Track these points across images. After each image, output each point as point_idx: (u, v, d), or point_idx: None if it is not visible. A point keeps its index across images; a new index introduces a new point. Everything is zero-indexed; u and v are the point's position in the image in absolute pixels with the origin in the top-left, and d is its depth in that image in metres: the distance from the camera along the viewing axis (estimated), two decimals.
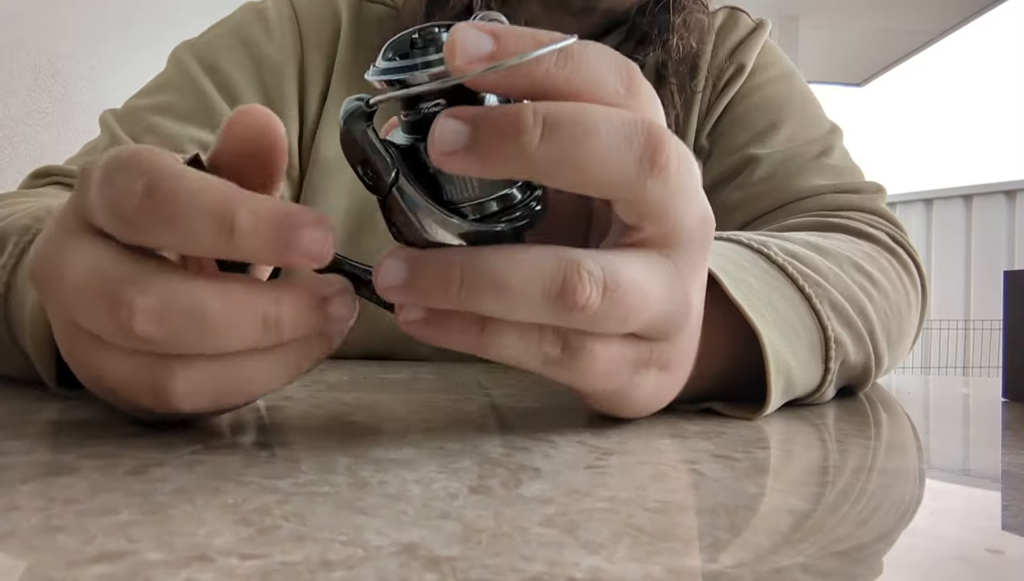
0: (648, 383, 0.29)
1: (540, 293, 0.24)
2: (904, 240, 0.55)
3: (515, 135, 0.22)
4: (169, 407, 0.24)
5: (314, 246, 0.22)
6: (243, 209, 0.22)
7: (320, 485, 0.21)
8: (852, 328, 0.40)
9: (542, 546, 0.17)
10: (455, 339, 0.25)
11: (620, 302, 0.24)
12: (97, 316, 0.23)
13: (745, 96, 0.67)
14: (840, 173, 0.62)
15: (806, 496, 0.23)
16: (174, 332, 0.23)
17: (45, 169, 0.57)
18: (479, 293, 0.23)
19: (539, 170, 0.23)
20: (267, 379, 0.25)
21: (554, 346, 0.25)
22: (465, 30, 0.22)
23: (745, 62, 0.67)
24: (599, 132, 0.23)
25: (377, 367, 0.54)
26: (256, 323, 0.24)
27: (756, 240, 0.40)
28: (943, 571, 0.17)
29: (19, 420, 0.30)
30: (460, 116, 0.22)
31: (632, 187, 0.24)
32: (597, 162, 0.23)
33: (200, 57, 0.62)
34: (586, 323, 0.25)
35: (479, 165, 0.23)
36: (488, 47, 0.22)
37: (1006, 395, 0.49)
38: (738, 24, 0.70)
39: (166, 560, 0.15)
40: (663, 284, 0.26)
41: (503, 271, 0.23)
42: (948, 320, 3.61)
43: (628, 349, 0.27)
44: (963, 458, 0.31)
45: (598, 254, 0.25)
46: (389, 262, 0.24)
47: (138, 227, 0.23)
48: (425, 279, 0.24)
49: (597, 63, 0.24)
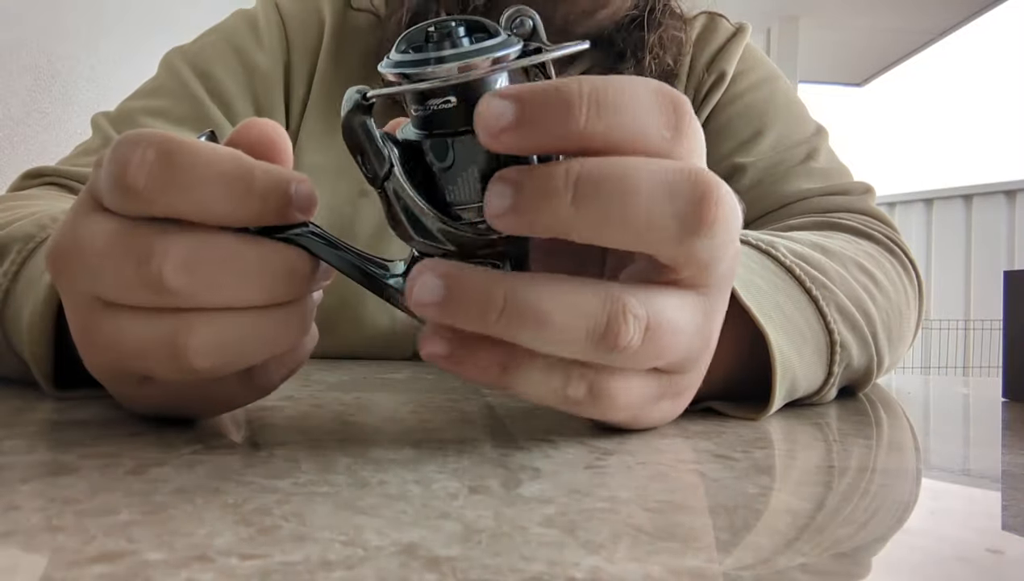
0: (659, 411, 0.29)
1: (584, 332, 0.23)
2: (899, 240, 0.55)
3: (549, 199, 0.21)
4: (185, 366, 0.24)
5: (311, 200, 0.25)
6: (259, 172, 0.24)
7: (320, 485, 0.21)
8: (857, 331, 0.40)
9: (542, 546, 0.17)
10: (477, 374, 0.24)
11: (658, 343, 0.24)
12: (123, 275, 0.23)
13: (727, 104, 0.66)
14: (827, 175, 0.62)
15: (806, 496, 0.23)
16: (207, 282, 0.23)
17: (37, 170, 0.57)
18: (519, 324, 0.22)
19: (578, 232, 0.22)
20: (282, 334, 0.26)
21: (578, 389, 0.25)
22: (488, 100, 0.21)
23: (726, 69, 0.66)
24: (639, 191, 0.22)
25: (377, 367, 0.54)
26: (285, 276, 0.25)
27: (764, 240, 0.40)
28: (943, 571, 0.17)
29: (19, 420, 0.30)
30: (506, 178, 0.22)
31: (677, 244, 0.23)
32: (639, 222, 0.22)
33: (192, 63, 0.62)
34: (622, 362, 0.24)
35: (522, 225, 0.22)
36: (511, 114, 0.21)
37: (1006, 395, 0.49)
38: (717, 30, 0.69)
39: (166, 560, 0.15)
40: (696, 323, 0.26)
41: (547, 303, 0.22)
42: (948, 320, 3.61)
43: (648, 384, 0.27)
44: (963, 458, 0.31)
45: (642, 293, 0.24)
46: (426, 277, 0.23)
47: (150, 198, 0.23)
48: (463, 300, 0.22)
49: (636, 107, 0.22)
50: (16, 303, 0.35)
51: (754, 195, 0.62)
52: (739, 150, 0.64)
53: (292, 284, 0.25)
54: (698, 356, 0.27)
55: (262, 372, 0.27)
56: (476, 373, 0.24)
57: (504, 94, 0.22)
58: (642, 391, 0.27)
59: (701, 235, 0.23)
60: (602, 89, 0.22)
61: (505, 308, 0.22)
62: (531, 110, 0.21)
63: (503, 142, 0.22)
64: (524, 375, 0.24)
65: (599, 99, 0.22)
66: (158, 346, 0.24)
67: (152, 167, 0.23)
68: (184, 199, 0.23)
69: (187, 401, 0.28)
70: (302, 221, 0.25)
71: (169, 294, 0.23)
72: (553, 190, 0.22)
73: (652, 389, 0.27)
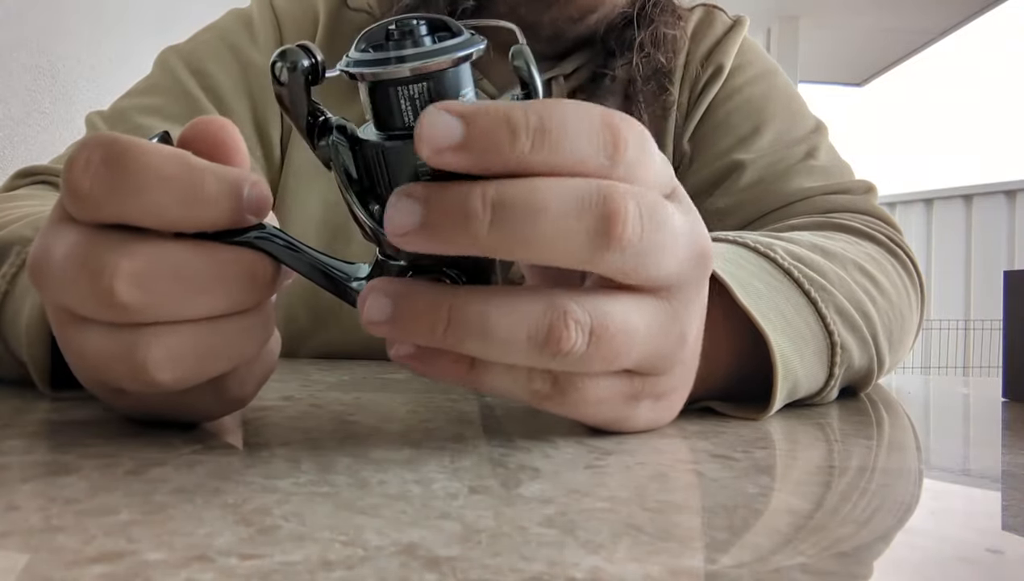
0: (643, 413, 0.29)
1: (525, 339, 0.23)
2: (901, 241, 0.55)
3: (464, 219, 0.22)
4: (147, 381, 0.24)
5: (263, 203, 0.24)
6: (209, 176, 0.23)
7: (320, 485, 0.21)
8: (857, 332, 0.40)
9: (542, 546, 0.17)
10: (445, 375, 0.25)
11: (606, 346, 0.24)
12: (79, 288, 0.23)
13: (725, 99, 0.65)
14: (828, 174, 0.61)
15: (806, 496, 0.23)
16: (160, 296, 0.23)
17: (28, 169, 0.56)
18: (465, 336, 0.23)
19: (490, 250, 0.22)
20: (245, 341, 0.25)
21: (543, 383, 0.25)
22: (432, 116, 0.21)
23: (723, 63, 0.65)
24: (548, 211, 0.22)
25: (377, 367, 0.54)
26: (244, 282, 0.24)
27: (762, 242, 0.40)
28: (943, 571, 0.17)
29: (19, 420, 0.30)
30: (413, 195, 0.22)
31: (588, 261, 0.23)
32: (546, 242, 0.22)
33: (187, 61, 0.62)
34: (572, 366, 0.25)
35: (432, 245, 0.22)
36: (458, 134, 0.21)
37: (1006, 395, 0.49)
38: (714, 23, 0.68)
39: (166, 560, 0.15)
40: (655, 325, 0.26)
41: (489, 316, 0.23)
42: (948, 320, 3.61)
43: (619, 384, 0.27)
44: (963, 458, 0.31)
45: (587, 298, 0.24)
46: (374, 297, 0.24)
47: (96, 202, 0.23)
48: (411, 317, 0.23)
49: (576, 137, 0.23)
50: (14, 305, 0.36)
51: (754, 193, 0.61)
52: (738, 146, 0.63)
53: (253, 290, 0.25)
54: (672, 358, 0.27)
55: (234, 383, 0.27)
56: (443, 374, 0.25)
57: (453, 110, 0.22)
58: (612, 389, 0.27)
59: (612, 250, 0.23)
60: (547, 117, 0.22)
61: (450, 322, 0.23)
62: (477, 132, 0.21)
63: (444, 160, 0.22)
64: (489, 373, 0.25)
65: (544, 127, 0.22)
66: (118, 360, 0.24)
67: (98, 170, 0.23)
68: (132, 204, 0.23)
69: (164, 411, 0.28)
70: (258, 224, 0.25)
71: (123, 309, 0.23)
72: (471, 211, 0.22)
73: (623, 388, 0.27)
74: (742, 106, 0.65)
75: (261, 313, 0.26)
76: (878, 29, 3.76)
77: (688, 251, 0.26)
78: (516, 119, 0.22)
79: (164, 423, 0.29)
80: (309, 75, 0.24)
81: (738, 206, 0.61)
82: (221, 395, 0.27)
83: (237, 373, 0.27)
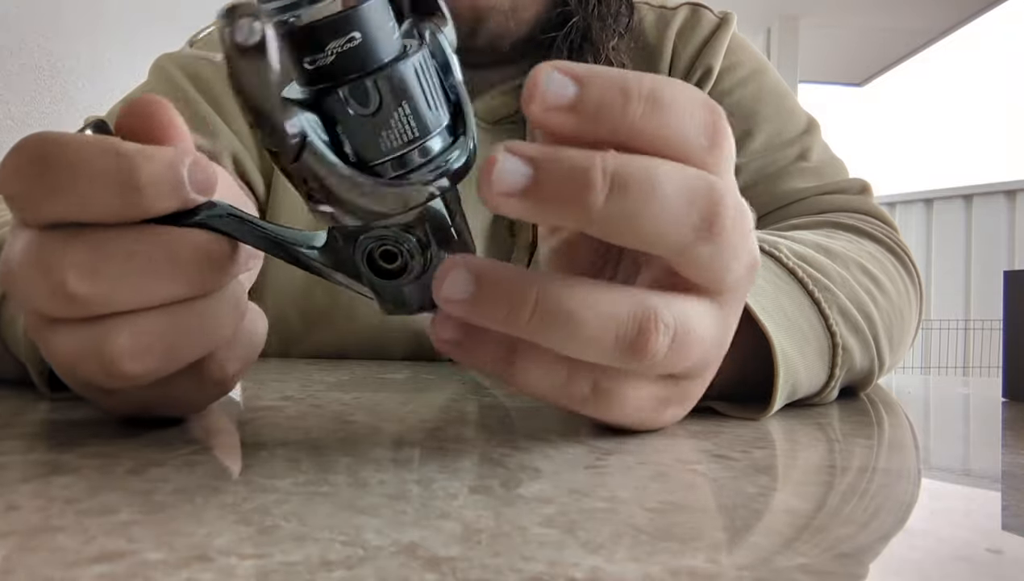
0: (665, 416, 0.29)
1: (614, 338, 0.23)
2: (899, 239, 0.55)
3: (582, 191, 0.21)
4: (119, 374, 0.23)
5: (208, 179, 0.23)
6: (141, 160, 0.22)
7: (320, 485, 0.21)
8: (859, 334, 0.40)
9: (542, 546, 0.17)
10: (482, 363, 0.24)
11: (680, 351, 0.24)
12: (37, 288, 0.23)
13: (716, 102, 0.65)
14: (822, 174, 0.61)
15: (806, 496, 0.23)
16: (111, 283, 0.22)
17: None
18: (551, 326, 0.22)
19: (598, 226, 0.22)
20: (213, 325, 0.25)
21: (584, 387, 0.25)
22: (549, 73, 0.21)
23: (712, 64, 0.64)
24: (665, 195, 0.22)
25: (377, 367, 0.54)
26: (200, 263, 0.24)
27: (767, 241, 0.40)
28: (943, 571, 0.17)
29: (18, 420, 0.30)
30: (523, 154, 0.20)
31: (683, 251, 0.23)
32: (657, 225, 0.22)
33: (183, 66, 0.62)
34: (644, 369, 0.24)
35: (537, 211, 0.21)
36: (571, 94, 0.21)
37: (1006, 395, 0.49)
38: (701, 22, 0.66)
39: (166, 560, 0.15)
40: (715, 331, 0.26)
41: (579, 307, 0.22)
42: (948, 320, 3.61)
43: (657, 390, 0.27)
44: (963, 458, 0.31)
45: (671, 302, 0.24)
46: (457, 273, 0.22)
47: (29, 204, 0.23)
48: (493, 299, 0.22)
49: (684, 113, 0.22)
50: (13, 305, 0.36)
51: (748, 197, 0.60)
52: None
53: (210, 271, 0.24)
54: (713, 363, 0.28)
55: (214, 367, 0.26)
56: (482, 363, 0.24)
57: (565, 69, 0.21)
58: (651, 395, 0.27)
59: (709, 243, 0.23)
60: (659, 88, 0.22)
61: (536, 309, 0.22)
62: (592, 93, 0.21)
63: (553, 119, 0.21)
64: (528, 369, 0.24)
65: (655, 96, 0.22)
66: (88, 357, 0.23)
67: (27, 172, 0.22)
68: (66, 201, 0.22)
69: (150, 405, 0.27)
70: (208, 202, 0.24)
71: (80, 303, 0.22)
72: (590, 181, 0.21)
73: (661, 393, 0.27)
74: (732, 110, 0.63)
75: (227, 294, 0.25)
76: (878, 29, 3.76)
77: (750, 257, 0.26)
78: (631, 84, 0.21)
79: (161, 422, 0.29)
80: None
81: None
82: (203, 381, 0.26)
83: (215, 356, 0.26)
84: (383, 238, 0.25)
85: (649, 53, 0.65)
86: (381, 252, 0.25)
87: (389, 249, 0.25)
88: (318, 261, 0.26)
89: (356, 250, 0.25)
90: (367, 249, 0.25)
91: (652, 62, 0.64)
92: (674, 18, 0.66)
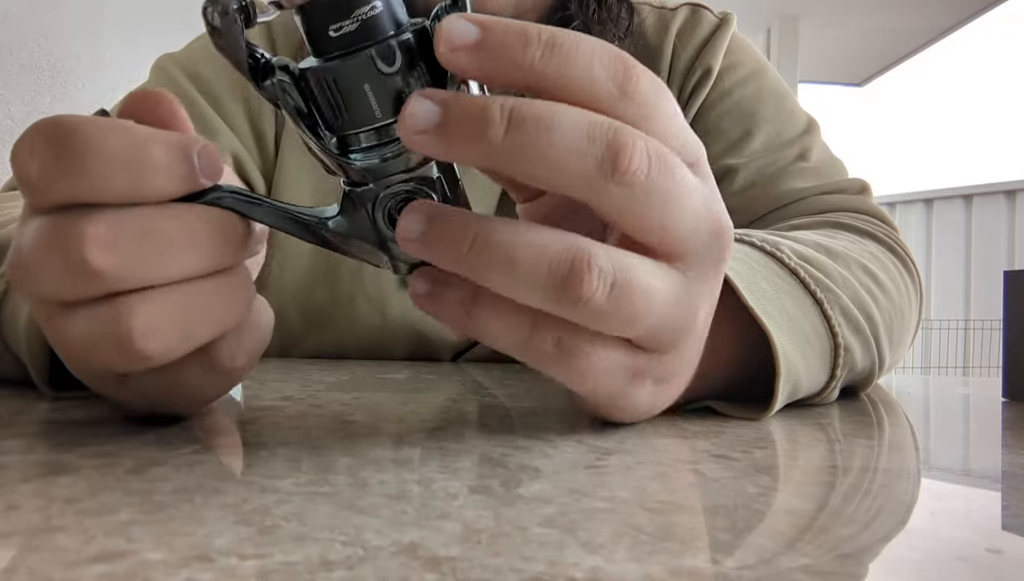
0: (643, 394, 0.29)
1: (545, 274, 0.23)
2: (899, 239, 0.55)
3: (482, 124, 0.22)
4: (134, 353, 0.23)
5: (216, 164, 0.24)
6: (154, 143, 0.23)
7: (320, 485, 0.21)
8: (860, 334, 0.40)
9: (542, 546, 0.17)
10: (447, 312, 0.25)
11: (625, 303, 0.24)
12: (52, 270, 0.23)
13: (716, 102, 0.64)
14: (821, 174, 0.61)
15: (806, 496, 0.23)
16: (132, 257, 0.23)
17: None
18: (486, 262, 0.23)
19: (501, 161, 0.23)
20: (226, 303, 0.25)
21: (545, 340, 0.25)
22: (452, 20, 0.23)
23: (712, 64, 0.64)
24: (561, 128, 0.23)
25: (377, 367, 0.54)
26: (216, 239, 0.24)
27: (769, 241, 0.40)
28: (943, 571, 0.17)
29: (18, 420, 0.30)
30: (433, 97, 0.23)
31: (593, 189, 0.24)
32: (556, 158, 0.23)
33: (183, 66, 0.63)
34: (587, 319, 0.24)
35: (445, 147, 0.23)
36: (474, 36, 0.22)
37: (1006, 395, 0.49)
38: (701, 23, 0.66)
39: (166, 560, 0.15)
40: (671, 294, 0.26)
41: (513, 245, 0.23)
42: (948, 320, 3.61)
43: (624, 357, 0.27)
44: (963, 458, 0.31)
45: (613, 251, 0.24)
46: (411, 215, 0.24)
47: (47, 187, 0.23)
48: (439, 235, 0.24)
49: (588, 58, 0.23)
50: (13, 303, 0.36)
51: (747, 197, 0.61)
52: (729, 152, 0.62)
53: (226, 247, 0.25)
54: (681, 336, 0.27)
55: (223, 354, 0.26)
56: (449, 315, 0.25)
57: (470, 18, 0.23)
58: (617, 361, 0.26)
59: (616, 181, 0.23)
60: (560, 35, 0.23)
61: (474, 245, 0.23)
62: (493, 36, 0.23)
63: (458, 59, 0.23)
64: (490, 319, 0.25)
65: (556, 41, 0.23)
66: (104, 338, 0.23)
67: (43, 154, 0.23)
68: (82, 182, 0.23)
69: (159, 397, 0.27)
70: (214, 185, 0.25)
71: (99, 278, 0.23)
72: (489, 118, 0.22)
73: (627, 362, 0.27)
74: (732, 110, 0.63)
75: (239, 274, 0.26)
76: (878, 29, 3.76)
77: (704, 213, 0.26)
78: (530, 31, 0.23)
79: (164, 422, 0.29)
80: (241, 15, 0.24)
81: (732, 211, 0.60)
82: (212, 368, 0.26)
83: (226, 343, 0.26)
84: (403, 194, 0.26)
85: (650, 54, 0.65)
86: (400, 208, 0.26)
87: (411, 201, 0.25)
88: (331, 232, 0.26)
89: (376, 209, 0.26)
90: (388, 207, 0.26)
91: (652, 62, 0.64)
92: (674, 19, 0.66)
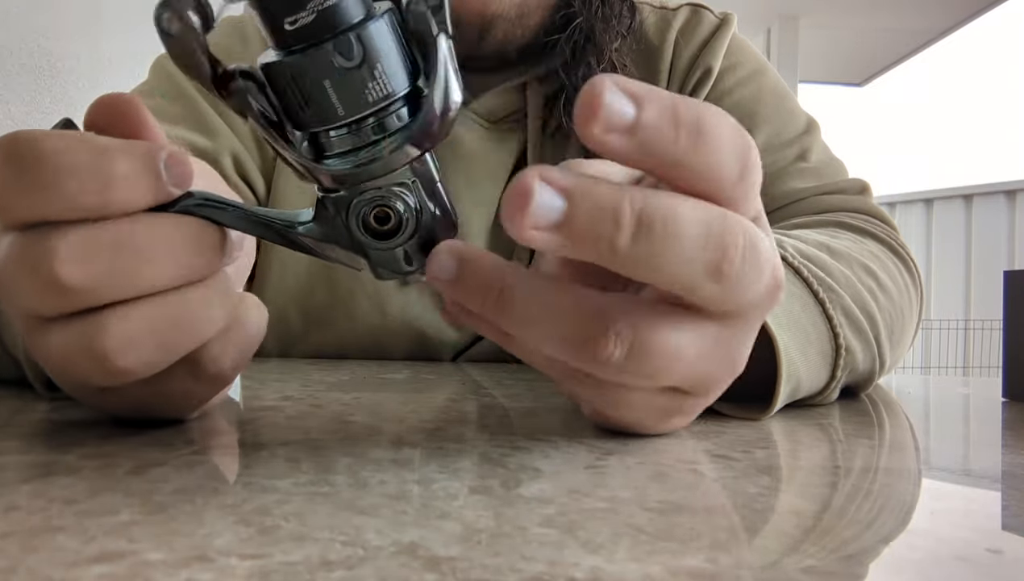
0: (667, 426, 0.29)
1: (564, 336, 0.23)
2: (900, 239, 0.55)
3: (611, 229, 0.21)
4: (112, 370, 0.23)
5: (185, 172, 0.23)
6: (118, 154, 0.22)
7: (320, 485, 0.21)
8: (862, 335, 0.40)
9: (542, 546, 0.17)
10: (485, 333, 0.26)
11: (645, 363, 0.24)
12: (26, 286, 0.23)
13: (716, 102, 0.62)
14: (821, 174, 0.61)
15: (806, 496, 0.23)
16: (104, 270, 0.22)
17: None
18: (509, 315, 0.23)
19: (620, 265, 0.22)
20: (204, 314, 0.24)
21: (578, 373, 0.25)
22: (611, 91, 0.20)
23: (712, 65, 0.63)
24: (682, 238, 0.21)
25: (377, 367, 0.54)
26: (190, 249, 0.23)
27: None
28: (943, 571, 0.17)
29: (18, 421, 0.30)
30: (556, 184, 0.20)
31: (693, 289, 0.23)
32: (673, 268, 0.22)
33: None
34: (609, 375, 0.24)
35: (563, 249, 0.21)
36: (631, 115, 0.20)
37: (1006, 395, 0.49)
38: (701, 23, 0.66)
39: (166, 560, 0.15)
40: (704, 348, 0.25)
41: (536, 303, 0.23)
42: (948, 320, 3.61)
43: (660, 398, 0.27)
44: (963, 458, 0.31)
45: (637, 311, 0.24)
46: (443, 256, 0.24)
47: (11, 203, 0.22)
48: (468, 283, 0.24)
49: (723, 145, 0.22)
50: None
51: None
52: None
53: (201, 257, 0.24)
54: (718, 380, 0.27)
55: (209, 360, 0.26)
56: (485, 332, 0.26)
57: (622, 86, 0.20)
58: (651, 400, 0.27)
59: (717, 283, 0.23)
60: (703, 118, 0.22)
61: (500, 298, 0.23)
62: (647, 116, 0.21)
63: (612, 141, 0.20)
64: (524, 353, 0.26)
65: (700, 128, 0.21)
66: (80, 354, 0.23)
67: (3, 174, 0.22)
68: (45, 199, 0.22)
69: (147, 404, 0.27)
70: (186, 193, 0.24)
71: (72, 293, 0.22)
72: (619, 222, 0.21)
73: (664, 402, 0.27)
74: (732, 110, 0.63)
75: (217, 281, 0.25)
76: (878, 29, 3.76)
77: (771, 281, 0.25)
78: (680, 111, 0.21)
79: (161, 422, 0.29)
80: (198, 16, 0.23)
81: None
82: (198, 375, 0.26)
83: (208, 349, 0.25)
84: (377, 199, 0.25)
85: (650, 54, 0.65)
86: (375, 214, 0.25)
87: (385, 207, 0.25)
88: (306, 236, 0.26)
89: (350, 215, 0.25)
90: (361, 213, 0.25)
91: (653, 62, 0.64)
92: (675, 19, 0.66)
